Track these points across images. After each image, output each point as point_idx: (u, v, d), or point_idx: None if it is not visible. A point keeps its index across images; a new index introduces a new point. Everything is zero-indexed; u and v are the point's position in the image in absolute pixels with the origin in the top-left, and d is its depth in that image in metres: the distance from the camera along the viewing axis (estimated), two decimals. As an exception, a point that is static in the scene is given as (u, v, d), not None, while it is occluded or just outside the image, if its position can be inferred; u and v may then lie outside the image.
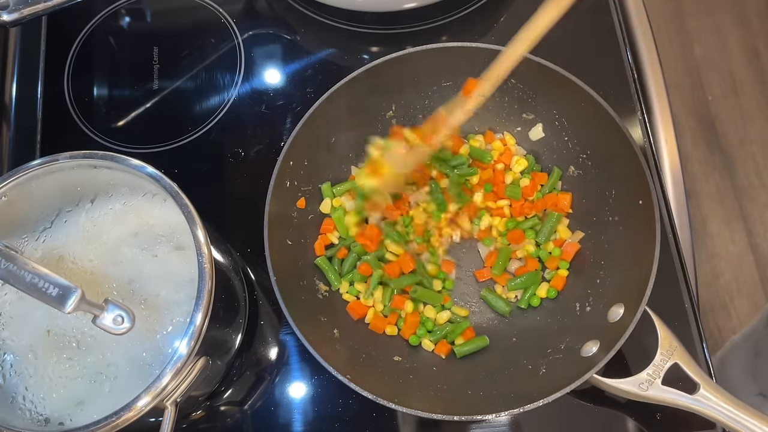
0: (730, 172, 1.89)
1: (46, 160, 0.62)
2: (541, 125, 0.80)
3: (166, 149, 0.86)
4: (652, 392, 0.64)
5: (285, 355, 0.76)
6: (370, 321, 0.75)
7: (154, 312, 0.61)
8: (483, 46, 0.75)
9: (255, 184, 0.81)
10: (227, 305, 0.67)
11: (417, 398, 0.66)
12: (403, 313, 0.74)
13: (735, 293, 1.78)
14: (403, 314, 0.74)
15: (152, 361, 0.60)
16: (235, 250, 0.79)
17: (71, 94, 0.90)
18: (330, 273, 0.76)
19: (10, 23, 0.74)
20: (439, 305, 0.75)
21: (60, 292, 0.52)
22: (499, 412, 0.64)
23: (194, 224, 0.60)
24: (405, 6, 0.88)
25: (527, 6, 0.92)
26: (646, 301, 0.64)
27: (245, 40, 0.92)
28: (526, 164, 0.79)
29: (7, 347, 0.62)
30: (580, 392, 0.71)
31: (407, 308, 0.74)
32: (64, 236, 0.65)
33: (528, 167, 0.80)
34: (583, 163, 0.77)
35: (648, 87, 0.89)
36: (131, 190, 0.67)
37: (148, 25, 0.96)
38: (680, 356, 0.64)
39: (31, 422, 0.59)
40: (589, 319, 0.71)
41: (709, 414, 0.62)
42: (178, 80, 0.90)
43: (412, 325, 0.74)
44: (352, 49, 0.91)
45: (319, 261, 0.76)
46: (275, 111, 0.87)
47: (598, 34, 0.90)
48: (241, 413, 0.74)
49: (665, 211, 0.79)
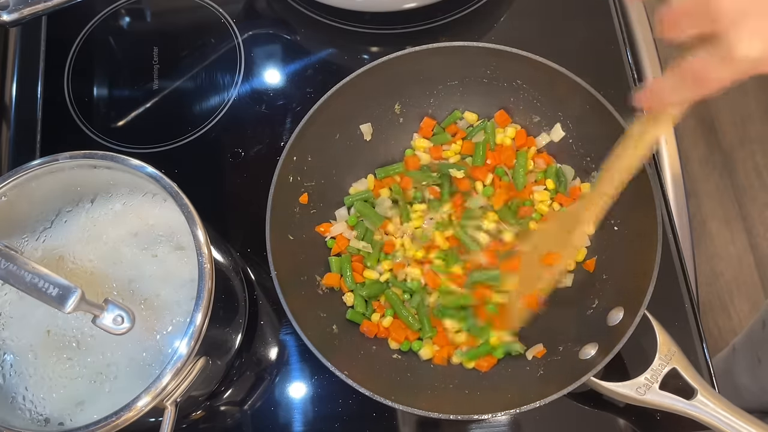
0: (729, 172, 1.89)
1: (46, 160, 0.62)
2: (559, 124, 0.79)
3: (166, 149, 0.86)
4: (650, 397, 0.64)
5: (285, 355, 0.76)
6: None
7: (154, 312, 0.61)
8: (483, 45, 0.75)
9: (255, 183, 0.81)
10: (227, 305, 0.68)
11: (415, 397, 0.66)
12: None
13: (735, 293, 1.78)
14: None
15: (152, 361, 0.60)
16: (235, 250, 0.79)
17: (71, 94, 0.90)
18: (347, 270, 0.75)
19: (10, 23, 0.74)
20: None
21: (60, 292, 0.52)
22: (496, 413, 0.64)
23: (194, 224, 0.60)
24: (405, 6, 0.88)
25: (527, 6, 0.93)
26: (646, 305, 0.64)
27: (245, 40, 0.92)
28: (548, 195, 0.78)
29: (7, 347, 0.62)
30: (579, 395, 0.71)
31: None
32: (64, 236, 0.65)
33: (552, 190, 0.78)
34: (587, 165, 0.77)
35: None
36: (131, 190, 0.67)
37: (148, 25, 0.96)
38: (678, 361, 0.64)
39: (31, 422, 0.59)
40: (588, 322, 0.71)
41: (706, 420, 0.62)
42: (178, 80, 0.90)
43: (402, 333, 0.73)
44: (352, 49, 0.91)
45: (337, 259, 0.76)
46: (275, 111, 0.87)
47: (598, 34, 0.90)
48: (241, 413, 0.74)
49: (665, 211, 0.79)
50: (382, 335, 0.74)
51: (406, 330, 0.73)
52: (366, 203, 0.78)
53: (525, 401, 0.62)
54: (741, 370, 1.17)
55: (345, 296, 0.75)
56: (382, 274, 0.75)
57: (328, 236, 0.77)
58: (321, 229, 0.77)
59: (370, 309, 0.74)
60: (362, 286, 0.75)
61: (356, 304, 0.74)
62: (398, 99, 0.80)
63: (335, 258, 0.76)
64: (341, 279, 0.75)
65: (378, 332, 0.73)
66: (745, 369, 1.15)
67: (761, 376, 1.10)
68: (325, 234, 0.77)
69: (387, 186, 0.78)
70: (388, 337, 0.73)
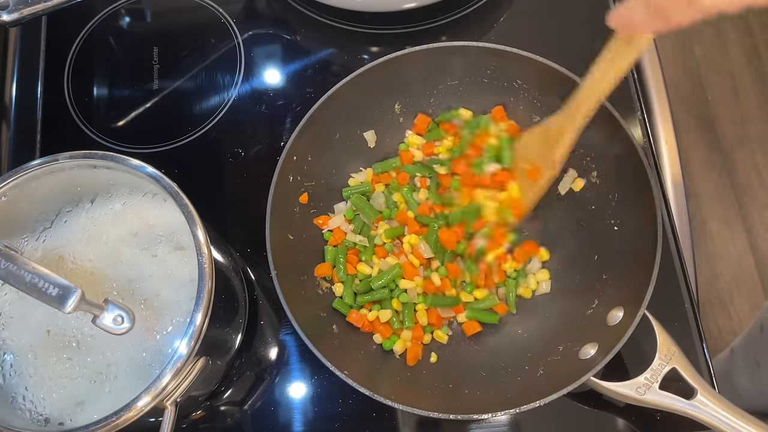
0: (729, 172, 1.89)
1: (46, 160, 0.62)
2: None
3: (166, 149, 0.86)
4: (650, 396, 0.64)
5: (285, 355, 0.76)
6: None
7: (154, 312, 0.61)
8: (483, 45, 0.75)
9: (255, 184, 0.81)
10: (227, 305, 0.68)
11: (415, 397, 0.66)
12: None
13: (735, 293, 1.78)
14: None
15: (152, 361, 0.60)
16: (235, 250, 0.79)
17: (71, 94, 0.90)
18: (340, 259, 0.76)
19: (10, 23, 0.74)
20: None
21: (60, 292, 0.52)
22: (495, 412, 0.64)
23: (194, 224, 0.60)
24: (405, 6, 0.88)
25: (527, 6, 0.93)
26: (646, 305, 0.64)
27: (245, 40, 0.92)
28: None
29: (7, 347, 0.62)
30: (578, 394, 0.71)
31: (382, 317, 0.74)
32: (64, 236, 0.65)
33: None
34: (587, 165, 0.77)
35: (648, 87, 0.89)
36: (131, 190, 0.67)
37: (148, 25, 0.96)
38: (678, 361, 0.64)
39: (31, 422, 0.59)
40: (588, 322, 0.71)
41: (706, 420, 0.62)
42: (178, 80, 0.90)
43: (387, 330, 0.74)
44: (352, 49, 0.91)
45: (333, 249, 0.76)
46: (275, 111, 0.88)
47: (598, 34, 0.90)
48: (241, 413, 0.74)
49: (665, 211, 0.79)
50: (367, 329, 0.74)
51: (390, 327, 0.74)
52: (362, 197, 0.78)
53: (525, 401, 0.62)
54: (740, 373, 1.17)
55: (335, 286, 0.75)
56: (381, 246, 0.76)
57: (326, 229, 0.78)
58: (319, 221, 0.77)
59: (359, 302, 0.74)
60: (353, 278, 0.75)
61: (345, 295, 0.74)
62: (398, 99, 0.80)
63: (331, 248, 0.76)
64: (333, 270, 0.76)
65: (363, 326, 0.74)
66: (744, 372, 1.16)
67: (760, 379, 1.10)
68: (323, 227, 0.78)
69: (384, 182, 0.79)
70: (373, 331, 0.74)
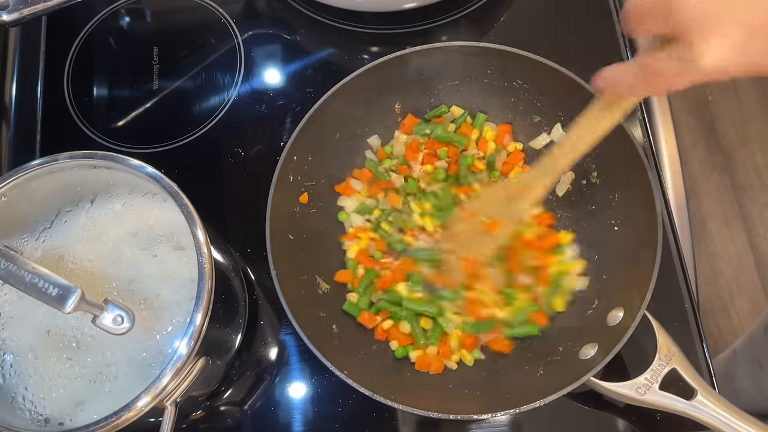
0: (729, 172, 1.89)
1: (46, 160, 0.62)
2: (559, 124, 0.78)
3: (166, 149, 0.86)
4: (650, 397, 0.64)
5: (285, 355, 0.76)
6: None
7: (154, 312, 0.61)
8: (483, 45, 0.75)
9: (255, 184, 0.81)
10: (227, 305, 0.68)
11: (415, 396, 0.66)
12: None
13: (735, 293, 1.78)
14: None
15: (152, 361, 0.60)
16: (235, 250, 0.79)
17: (71, 94, 0.90)
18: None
19: (10, 23, 0.74)
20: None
21: (60, 292, 0.52)
22: (495, 413, 0.64)
23: (194, 224, 0.60)
24: (405, 6, 0.88)
25: (527, 6, 0.93)
26: (646, 305, 0.64)
27: (245, 40, 0.92)
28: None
29: (7, 347, 0.62)
30: (578, 395, 0.71)
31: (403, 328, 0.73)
32: (64, 236, 0.65)
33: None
34: (587, 165, 0.77)
35: (648, 87, 0.89)
36: (131, 190, 0.67)
37: (148, 25, 0.96)
38: (678, 362, 0.64)
39: (31, 422, 0.59)
40: (588, 323, 0.71)
41: (706, 420, 0.62)
42: (178, 80, 0.90)
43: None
44: (352, 49, 0.91)
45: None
46: (275, 111, 0.88)
47: (598, 34, 0.90)
48: (241, 413, 0.74)
49: (665, 211, 0.79)
50: (380, 337, 0.74)
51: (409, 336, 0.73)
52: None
53: (525, 401, 0.62)
54: (742, 374, 1.17)
55: (350, 294, 0.75)
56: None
57: (348, 242, 0.77)
58: (345, 239, 0.78)
59: (375, 308, 0.74)
60: (376, 293, 0.75)
61: (360, 302, 0.74)
62: (398, 99, 0.80)
63: (352, 261, 0.76)
64: (354, 278, 0.75)
65: (378, 333, 0.74)
66: (746, 373, 1.16)
67: (762, 380, 1.10)
68: (348, 244, 0.77)
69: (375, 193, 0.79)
70: (388, 338, 0.74)
